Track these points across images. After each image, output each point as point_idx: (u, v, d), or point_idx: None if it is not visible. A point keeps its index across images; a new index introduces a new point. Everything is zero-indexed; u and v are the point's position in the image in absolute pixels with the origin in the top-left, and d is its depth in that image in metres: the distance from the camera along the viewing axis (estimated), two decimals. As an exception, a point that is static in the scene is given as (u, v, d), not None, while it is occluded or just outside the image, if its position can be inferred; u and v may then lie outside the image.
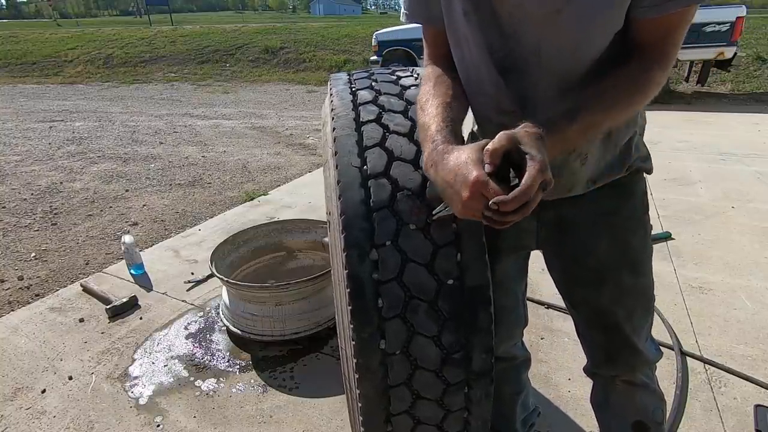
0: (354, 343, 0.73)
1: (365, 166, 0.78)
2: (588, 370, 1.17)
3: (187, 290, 2.50)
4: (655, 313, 1.08)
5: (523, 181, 0.58)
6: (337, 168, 0.78)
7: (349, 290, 0.72)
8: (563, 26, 0.73)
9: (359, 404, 0.76)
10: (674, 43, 0.75)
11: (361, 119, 0.83)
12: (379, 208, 0.75)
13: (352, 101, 0.87)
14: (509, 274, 1.09)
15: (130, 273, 2.66)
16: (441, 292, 0.74)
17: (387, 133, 0.81)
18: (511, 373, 1.32)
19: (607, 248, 0.96)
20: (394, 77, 0.94)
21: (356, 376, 0.74)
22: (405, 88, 0.90)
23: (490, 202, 0.59)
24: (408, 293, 0.73)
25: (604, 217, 0.95)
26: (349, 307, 0.73)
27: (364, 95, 0.88)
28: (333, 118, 0.85)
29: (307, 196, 3.86)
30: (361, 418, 0.78)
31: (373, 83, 0.92)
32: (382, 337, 0.73)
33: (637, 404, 1.11)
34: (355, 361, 0.74)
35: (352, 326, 0.73)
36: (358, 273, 0.72)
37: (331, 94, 0.92)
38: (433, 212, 0.74)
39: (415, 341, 0.73)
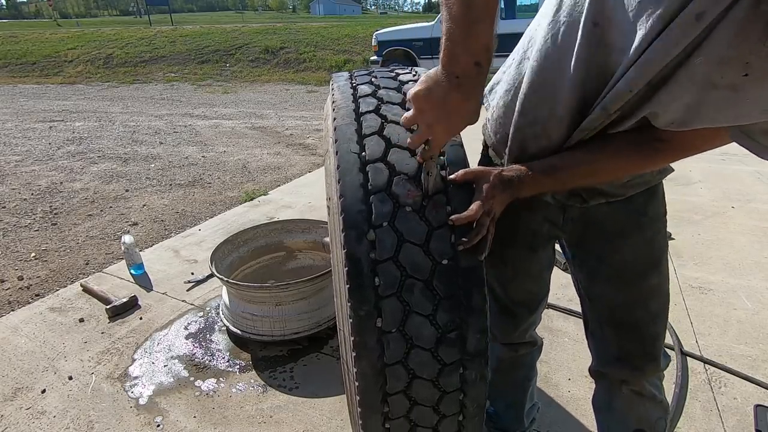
0: (351, 321, 0.75)
1: (364, 152, 0.81)
2: (594, 370, 1.14)
3: (187, 290, 2.50)
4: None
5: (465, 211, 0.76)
6: (337, 154, 0.81)
7: (347, 269, 0.74)
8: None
9: (356, 383, 0.78)
10: (698, 151, 0.77)
11: (360, 110, 0.86)
12: (377, 191, 0.77)
13: (352, 94, 0.90)
14: (543, 265, 1.11)
15: (130, 273, 2.66)
16: (436, 272, 0.75)
17: (385, 123, 0.84)
18: (529, 357, 1.34)
19: (633, 248, 0.96)
20: (393, 74, 0.97)
21: (353, 354, 0.76)
22: (403, 83, 0.93)
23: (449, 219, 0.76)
24: (404, 272, 0.75)
25: (634, 217, 0.95)
26: (347, 286, 0.74)
27: (364, 89, 0.91)
28: (334, 110, 0.88)
29: (307, 196, 3.86)
30: (358, 398, 0.79)
31: (373, 79, 0.95)
32: (378, 315, 0.75)
33: (640, 413, 1.09)
34: (352, 339, 0.75)
35: (349, 304, 0.74)
36: (356, 252, 0.75)
37: (332, 90, 0.95)
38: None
39: (411, 320, 0.75)
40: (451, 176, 0.81)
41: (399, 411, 0.81)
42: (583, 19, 0.71)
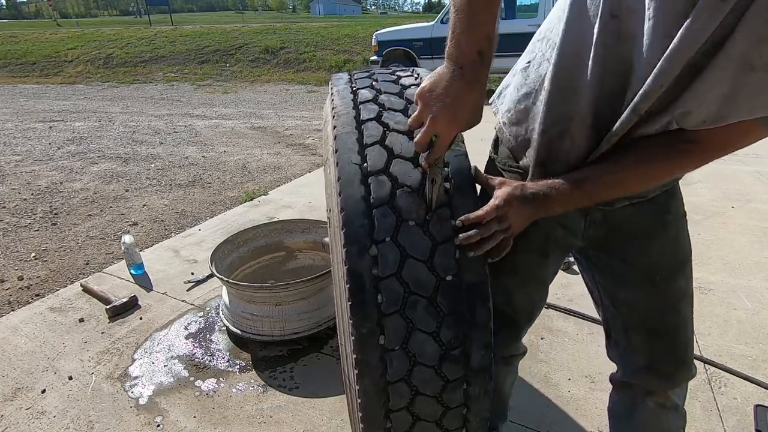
0: (353, 338, 0.73)
1: (365, 164, 0.78)
2: (618, 380, 1.09)
3: (187, 290, 2.50)
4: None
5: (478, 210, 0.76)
6: (337, 165, 0.78)
7: (348, 286, 0.73)
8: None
9: (358, 400, 0.77)
10: (730, 150, 0.75)
11: (361, 117, 0.84)
12: (379, 204, 0.75)
13: (352, 100, 0.88)
14: (549, 273, 1.08)
15: (130, 273, 2.66)
16: (440, 289, 0.74)
17: (387, 131, 0.82)
18: (516, 367, 1.33)
19: (660, 248, 0.93)
20: (395, 77, 0.94)
21: (356, 371, 0.74)
22: (405, 87, 0.90)
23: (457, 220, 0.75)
24: (407, 289, 0.73)
25: (658, 215, 0.92)
26: (349, 303, 0.73)
27: (365, 94, 0.89)
28: (334, 117, 0.85)
29: (307, 196, 3.86)
30: (360, 414, 0.78)
31: (374, 82, 0.92)
32: (381, 332, 0.73)
33: (662, 425, 1.06)
34: (354, 356, 0.74)
35: (351, 322, 0.73)
36: (357, 269, 0.73)
37: (332, 94, 0.92)
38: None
39: (414, 337, 0.74)
40: (475, 168, 0.79)
41: (402, 427, 0.80)
42: (600, 12, 0.70)
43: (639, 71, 0.70)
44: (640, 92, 0.68)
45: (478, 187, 0.85)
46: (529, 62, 0.90)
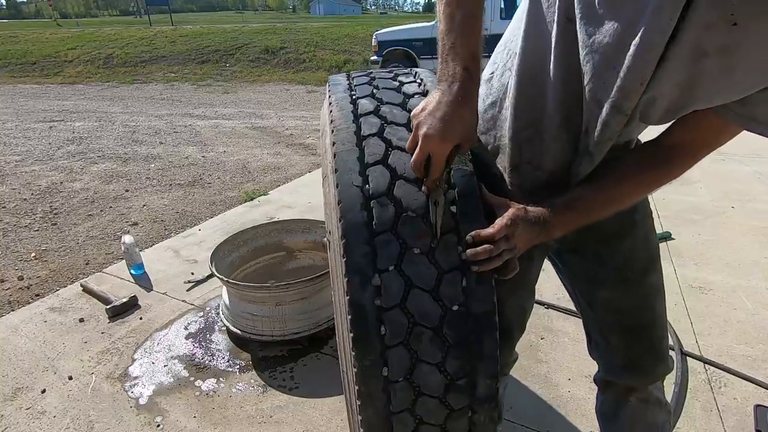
0: (356, 370, 0.71)
1: (367, 185, 0.74)
2: (600, 380, 1.12)
3: (187, 290, 2.50)
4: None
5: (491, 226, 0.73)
6: (337, 187, 0.75)
7: (350, 317, 0.70)
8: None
9: (361, 430, 0.75)
10: (710, 150, 0.77)
11: (362, 133, 0.80)
12: (382, 231, 0.72)
13: (352, 112, 0.84)
14: (534, 276, 1.08)
15: (130, 273, 2.66)
16: (446, 319, 0.71)
17: (390, 149, 0.78)
18: (509, 371, 1.32)
19: (631, 246, 0.95)
20: (397, 83, 0.90)
21: (358, 402, 0.73)
22: (408, 96, 0.86)
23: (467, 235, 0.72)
24: (412, 320, 0.71)
25: (628, 216, 0.94)
26: (351, 335, 0.70)
27: (366, 105, 0.84)
28: (333, 131, 0.81)
29: (307, 196, 3.86)
30: None
31: (375, 90, 0.87)
32: (384, 364, 0.71)
33: (647, 420, 1.09)
34: (357, 387, 0.72)
35: (353, 354, 0.70)
36: (360, 300, 0.70)
37: (330, 103, 0.87)
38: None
39: (419, 368, 0.71)
40: (480, 185, 0.78)
41: None
42: (556, 18, 0.72)
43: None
44: (619, 90, 0.68)
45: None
46: (492, 73, 0.92)
